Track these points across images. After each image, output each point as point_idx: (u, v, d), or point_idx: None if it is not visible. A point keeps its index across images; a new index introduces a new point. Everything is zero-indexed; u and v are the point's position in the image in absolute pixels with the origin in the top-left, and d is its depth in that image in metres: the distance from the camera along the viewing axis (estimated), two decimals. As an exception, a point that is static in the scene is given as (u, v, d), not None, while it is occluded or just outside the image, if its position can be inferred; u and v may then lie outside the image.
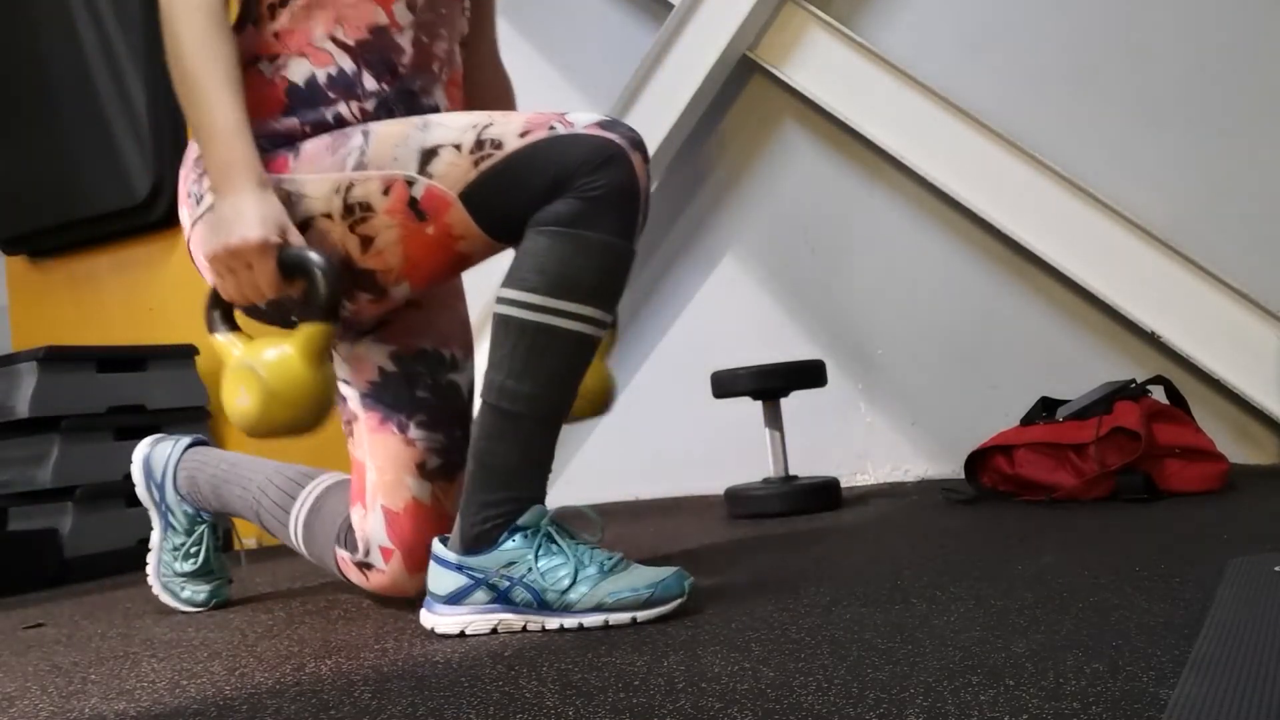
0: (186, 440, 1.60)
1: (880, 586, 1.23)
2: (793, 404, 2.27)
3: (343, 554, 1.43)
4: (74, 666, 1.27)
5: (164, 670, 1.19)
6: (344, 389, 1.44)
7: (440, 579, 1.21)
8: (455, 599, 1.20)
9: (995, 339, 2.36)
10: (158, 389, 2.51)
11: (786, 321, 2.57)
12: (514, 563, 1.18)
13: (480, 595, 1.19)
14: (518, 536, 1.19)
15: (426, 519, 1.39)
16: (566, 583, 1.17)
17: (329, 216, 1.23)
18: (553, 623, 1.18)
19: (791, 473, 2.21)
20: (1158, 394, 1.94)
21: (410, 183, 1.21)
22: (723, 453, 2.57)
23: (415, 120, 1.24)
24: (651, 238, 2.71)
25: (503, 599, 1.19)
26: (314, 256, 1.16)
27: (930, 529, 1.67)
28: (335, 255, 1.24)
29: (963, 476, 2.03)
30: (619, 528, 2.12)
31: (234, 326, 1.25)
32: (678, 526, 2.05)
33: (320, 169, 1.24)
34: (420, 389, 1.41)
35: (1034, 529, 1.55)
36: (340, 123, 1.28)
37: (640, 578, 1.18)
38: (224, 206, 1.17)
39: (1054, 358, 2.29)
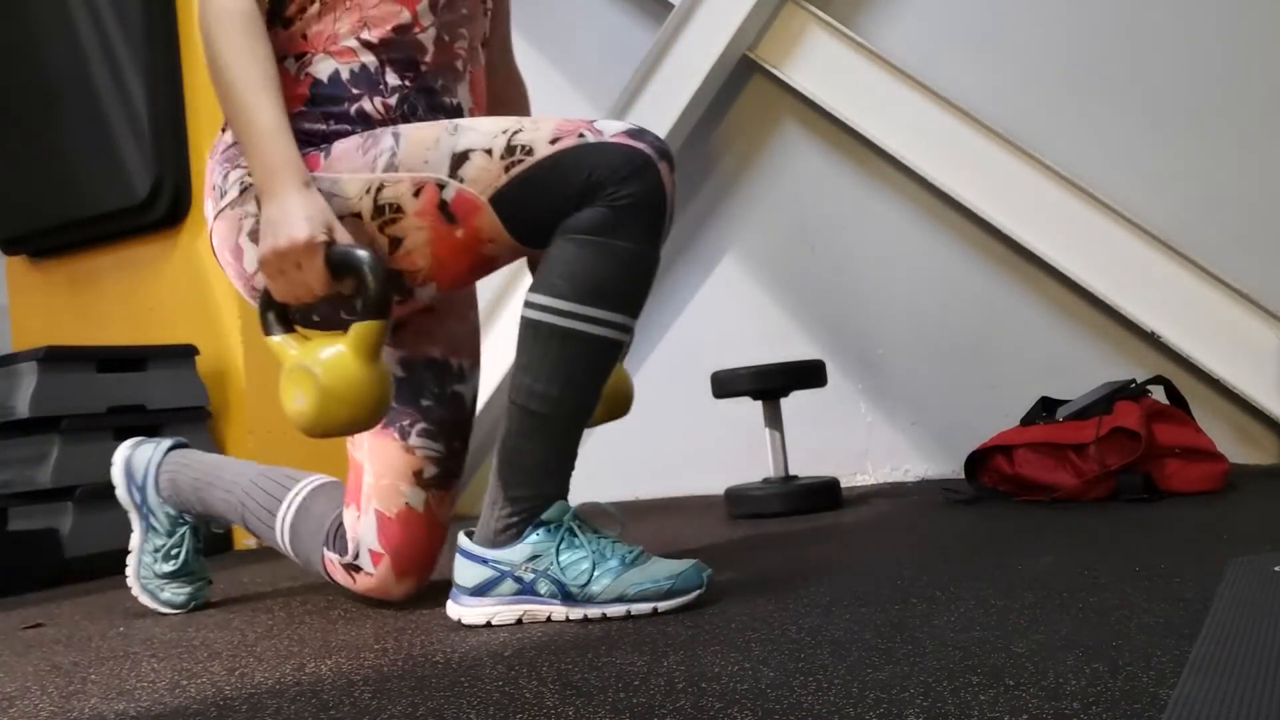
0: (168, 443, 1.61)
1: (880, 586, 1.23)
2: (793, 404, 2.26)
3: (330, 555, 1.43)
4: (74, 666, 1.27)
5: (164, 670, 1.19)
6: None
7: (466, 572, 1.24)
8: (481, 591, 1.23)
9: (995, 339, 2.36)
10: (158, 389, 2.51)
11: (786, 321, 2.57)
12: (538, 556, 1.21)
13: (506, 587, 1.22)
14: (541, 531, 1.21)
15: (418, 526, 1.40)
16: (587, 576, 1.19)
17: (358, 216, 1.24)
18: (576, 613, 1.20)
19: (791, 473, 2.21)
20: (1158, 394, 1.94)
21: (441, 186, 1.22)
22: (723, 453, 2.57)
23: (445, 124, 1.25)
24: (651, 238, 2.71)
25: (528, 590, 1.21)
26: (362, 253, 1.17)
27: (930, 529, 1.67)
28: (381, 252, 1.25)
29: (963, 476, 2.03)
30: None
31: (289, 328, 1.25)
32: (678, 526, 2.05)
33: (351, 168, 1.25)
34: (426, 397, 1.42)
35: (1034, 529, 1.55)
36: (363, 117, 1.30)
37: (660, 570, 1.21)
38: (270, 209, 1.19)
39: (1054, 358, 2.28)
